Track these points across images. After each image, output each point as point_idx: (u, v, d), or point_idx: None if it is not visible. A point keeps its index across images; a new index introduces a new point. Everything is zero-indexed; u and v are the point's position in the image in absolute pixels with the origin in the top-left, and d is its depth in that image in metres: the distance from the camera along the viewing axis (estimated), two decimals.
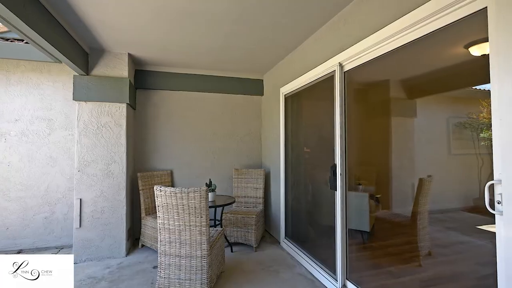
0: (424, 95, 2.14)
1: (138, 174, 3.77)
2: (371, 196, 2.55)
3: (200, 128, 4.42)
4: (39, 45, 2.60)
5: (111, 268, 3.14)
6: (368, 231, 2.58)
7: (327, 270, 2.74)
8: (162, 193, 2.54)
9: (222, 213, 3.59)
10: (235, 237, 3.65)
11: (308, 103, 3.43)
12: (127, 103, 3.55)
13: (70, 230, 3.74)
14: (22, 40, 3.61)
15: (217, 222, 3.46)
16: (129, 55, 3.62)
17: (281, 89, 3.86)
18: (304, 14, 2.58)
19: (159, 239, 2.61)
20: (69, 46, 2.90)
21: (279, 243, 3.84)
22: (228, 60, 3.89)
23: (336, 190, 2.60)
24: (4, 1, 1.83)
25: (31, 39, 2.45)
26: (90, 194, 3.38)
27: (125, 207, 3.48)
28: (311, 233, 3.28)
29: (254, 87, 4.68)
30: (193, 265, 2.53)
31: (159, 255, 2.58)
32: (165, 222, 2.58)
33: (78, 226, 3.32)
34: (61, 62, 3.32)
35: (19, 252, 3.63)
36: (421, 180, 2.06)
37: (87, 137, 3.40)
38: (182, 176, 4.30)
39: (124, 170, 3.49)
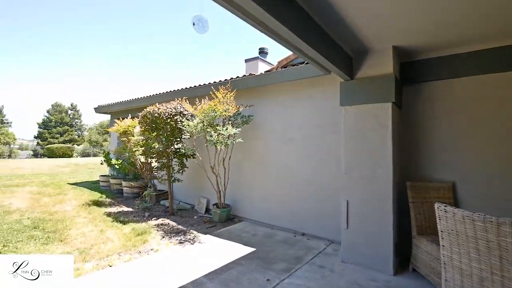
0: None
1: (407, 184, 3.22)
2: None
3: (498, 128, 2.99)
4: (314, 60, 2.95)
5: (378, 283, 2.88)
6: None
7: None
8: (449, 215, 1.86)
9: None
10: None
11: None
12: (392, 102, 3.16)
13: (334, 226, 3.98)
14: (302, 63, 4.44)
15: None
16: (393, 48, 3.21)
17: None
18: None
19: (443, 277, 1.94)
20: (335, 54, 3.05)
21: None
22: None
23: None
24: (297, 33, 2.21)
25: (309, 57, 2.83)
26: (355, 198, 3.36)
27: (391, 219, 3.09)
28: None
29: None
30: None
31: None
32: (453, 256, 1.87)
33: (346, 227, 3.41)
34: (330, 73, 3.64)
35: (303, 234, 4.43)
36: None
37: (352, 141, 3.43)
38: (471, 193, 3.13)
39: (390, 177, 3.11)
